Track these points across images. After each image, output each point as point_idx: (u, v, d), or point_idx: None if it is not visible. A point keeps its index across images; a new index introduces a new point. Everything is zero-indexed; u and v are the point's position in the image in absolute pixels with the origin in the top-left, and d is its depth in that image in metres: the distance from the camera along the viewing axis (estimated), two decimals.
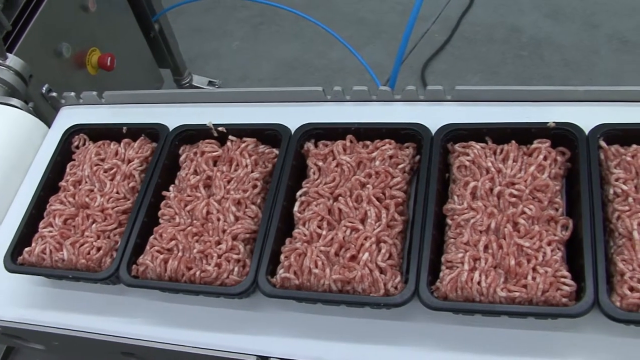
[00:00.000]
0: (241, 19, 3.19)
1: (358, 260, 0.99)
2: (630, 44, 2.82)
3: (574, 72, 2.76)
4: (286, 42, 3.05)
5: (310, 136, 1.15)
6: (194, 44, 3.08)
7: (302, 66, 2.95)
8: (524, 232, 0.97)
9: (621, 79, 2.69)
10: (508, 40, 2.90)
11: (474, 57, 2.86)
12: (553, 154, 1.04)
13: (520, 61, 2.83)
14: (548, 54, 2.85)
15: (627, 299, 0.90)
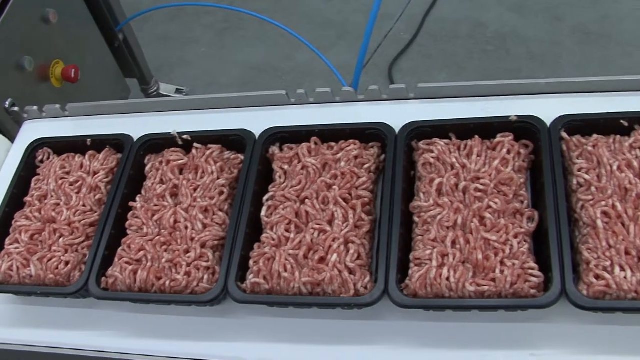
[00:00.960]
0: (206, 25, 3.18)
1: (327, 262, 0.99)
2: (593, 35, 2.85)
3: (540, 65, 2.79)
4: (252, 47, 3.05)
5: (275, 140, 1.15)
6: (160, 52, 3.06)
7: (270, 70, 2.95)
8: (490, 226, 0.98)
9: (586, 70, 2.72)
10: (473, 36, 2.92)
11: (440, 53, 2.88)
12: (516, 147, 1.05)
13: (486, 56, 2.85)
14: (513, 47, 2.87)
15: (593, 287, 0.91)
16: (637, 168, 1.00)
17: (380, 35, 2.88)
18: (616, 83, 1.16)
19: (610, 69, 2.75)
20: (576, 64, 2.74)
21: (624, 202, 0.97)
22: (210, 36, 3.15)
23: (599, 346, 0.94)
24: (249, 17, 2.89)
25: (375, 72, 2.81)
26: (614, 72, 2.60)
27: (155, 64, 2.80)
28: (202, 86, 2.89)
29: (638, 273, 0.90)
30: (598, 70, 2.71)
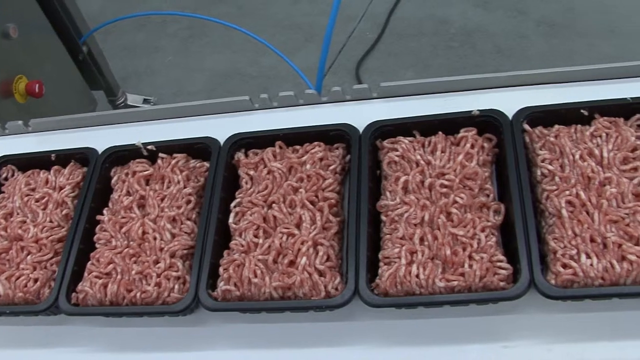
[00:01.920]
0: (171, 33, 3.17)
1: (296, 266, 0.99)
2: (557, 27, 2.88)
3: (506, 59, 2.81)
4: (218, 53, 3.04)
5: (240, 146, 1.15)
6: (126, 63, 3.05)
7: (237, 75, 2.94)
8: (457, 221, 0.98)
9: (552, 62, 2.75)
10: (438, 33, 2.94)
11: (406, 51, 2.89)
12: (480, 141, 1.06)
13: (452, 52, 2.87)
14: (479, 43, 2.89)
15: (561, 276, 0.92)
16: (599, 156, 1.01)
17: (345, 36, 2.89)
18: (575, 73, 1.18)
19: (575, 60, 2.78)
20: (542, 57, 2.77)
21: (588, 191, 0.98)
22: (175, 44, 3.14)
23: (569, 334, 0.95)
24: (214, 24, 2.89)
25: (342, 73, 2.82)
26: (579, 63, 2.64)
27: (122, 75, 2.79)
28: (170, 95, 2.88)
29: (604, 260, 0.92)
30: (564, 63, 2.75)
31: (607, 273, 0.91)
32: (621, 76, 1.17)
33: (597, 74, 1.17)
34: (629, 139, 1.02)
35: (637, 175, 0.99)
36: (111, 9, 3.21)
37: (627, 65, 1.16)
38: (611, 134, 1.03)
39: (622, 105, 1.06)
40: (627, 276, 0.91)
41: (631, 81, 1.16)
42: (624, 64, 1.16)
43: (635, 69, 1.16)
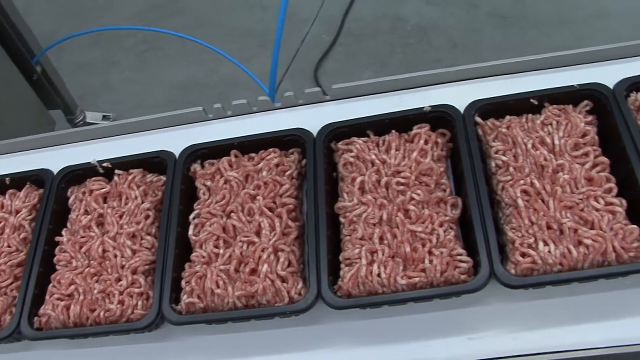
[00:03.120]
0: (127, 48, 3.14)
1: (258, 273, 0.99)
2: (509, 19, 2.90)
3: (462, 53, 2.83)
4: (175, 65, 3.02)
5: (196, 157, 1.14)
6: (83, 80, 3.01)
7: (195, 86, 2.92)
8: (415, 217, 0.99)
9: (507, 53, 2.77)
10: (394, 31, 2.95)
11: (363, 52, 2.90)
12: (433, 137, 1.07)
13: (409, 49, 2.88)
14: (434, 38, 2.91)
15: (520, 265, 0.93)
16: (550, 144, 1.02)
17: (300, 40, 2.89)
18: (524, 64, 1.19)
19: (530, 50, 2.81)
20: (496, 49, 2.79)
21: (542, 179, 0.99)
22: (132, 59, 3.11)
23: (533, 321, 0.97)
24: (169, 36, 2.87)
25: (301, 77, 2.82)
26: (533, 54, 2.67)
27: (80, 93, 2.75)
28: (129, 110, 2.85)
29: (561, 246, 0.93)
30: (518, 53, 2.77)
31: (565, 259, 0.92)
32: (568, 64, 1.19)
33: (545, 63, 1.19)
34: (579, 125, 1.03)
35: (588, 160, 1.00)
36: (65, 27, 3.17)
37: (573, 53, 1.18)
38: (561, 122, 1.04)
39: (570, 92, 1.07)
40: (584, 260, 0.92)
41: (577, 68, 1.18)
42: (569, 52, 1.18)
43: (580, 56, 1.18)
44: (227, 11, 3.19)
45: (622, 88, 1.06)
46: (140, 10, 3.27)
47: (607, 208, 0.96)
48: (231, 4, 3.21)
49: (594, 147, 1.02)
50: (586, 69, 1.19)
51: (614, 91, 1.06)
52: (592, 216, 0.95)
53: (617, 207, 0.96)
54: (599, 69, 1.18)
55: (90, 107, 2.73)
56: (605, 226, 0.94)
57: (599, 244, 0.92)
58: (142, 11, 3.26)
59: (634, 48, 1.17)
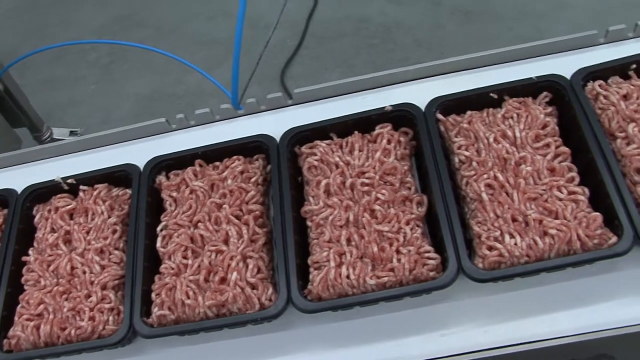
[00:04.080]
0: (91, 62, 3.12)
1: (228, 282, 0.98)
2: (472, 14, 2.93)
3: (427, 51, 2.85)
4: (141, 77, 3.00)
5: (160, 169, 1.14)
6: (48, 96, 2.98)
7: (163, 97, 2.91)
8: (381, 217, 0.99)
9: (469, 48, 2.79)
10: (358, 32, 2.96)
11: (328, 54, 2.90)
12: (396, 136, 1.07)
13: (374, 49, 2.89)
14: (399, 37, 2.92)
15: (488, 259, 0.93)
16: (512, 137, 1.03)
17: (267, 47, 2.89)
18: (483, 58, 1.20)
19: (493, 45, 2.83)
20: (459, 44, 2.81)
21: (505, 172, 1.00)
22: (97, 72, 3.09)
23: (503, 313, 0.97)
24: (134, 48, 2.85)
25: (267, 83, 2.82)
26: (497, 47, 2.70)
27: (45, 109, 2.73)
28: (97, 124, 2.83)
29: (527, 237, 0.94)
30: (482, 48, 2.80)
31: (532, 250, 0.93)
32: (526, 57, 1.20)
33: (504, 57, 1.21)
34: (539, 117, 1.04)
35: (549, 151, 1.02)
36: (27, 44, 3.14)
37: (531, 45, 1.19)
38: (521, 114, 1.05)
39: (529, 84, 1.09)
40: (550, 250, 0.93)
41: (536, 60, 1.20)
42: (527, 45, 1.20)
43: (538, 48, 1.19)
44: (190, 21, 3.19)
45: (579, 78, 1.07)
46: (102, 24, 3.25)
47: (570, 197, 0.97)
48: (193, 13, 3.21)
49: (554, 138, 1.03)
50: (544, 61, 1.20)
51: (571, 81, 1.07)
52: (556, 206, 0.96)
53: (579, 195, 0.97)
54: (556, 60, 1.20)
55: (57, 123, 2.70)
56: (569, 215, 0.95)
57: (563, 234, 0.93)
58: (105, 25, 3.25)
59: (590, 38, 1.19)
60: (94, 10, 3.33)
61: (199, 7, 3.22)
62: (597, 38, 1.20)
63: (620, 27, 1.18)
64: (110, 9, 3.33)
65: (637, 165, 0.98)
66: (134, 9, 3.30)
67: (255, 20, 2.99)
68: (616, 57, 1.09)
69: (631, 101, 1.04)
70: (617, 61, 1.09)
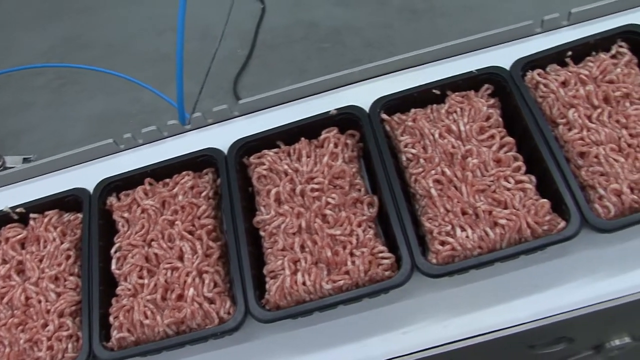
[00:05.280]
0: (40, 86, 3.07)
1: (185, 298, 0.98)
2: (419, 12, 2.95)
3: (377, 51, 2.86)
4: (93, 98, 2.97)
5: (110, 190, 1.13)
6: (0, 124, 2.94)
7: (116, 117, 2.88)
8: (333, 221, 0.99)
9: (419, 45, 2.82)
10: (308, 37, 2.97)
11: (280, 61, 2.90)
12: (342, 139, 1.08)
13: (325, 53, 2.90)
14: (348, 40, 2.94)
15: (441, 254, 0.94)
16: (457, 131, 1.04)
17: (217, 57, 2.88)
18: (424, 55, 1.22)
19: (441, 40, 2.86)
20: (409, 43, 2.83)
21: (452, 166, 1.01)
22: (47, 97, 3.04)
23: (461, 306, 0.99)
24: (83, 69, 2.82)
25: (221, 94, 2.81)
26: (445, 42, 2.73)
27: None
28: (51, 149, 2.79)
29: (478, 229, 0.95)
30: (431, 44, 2.82)
31: (483, 241, 0.94)
32: (466, 51, 1.22)
33: (445, 52, 1.22)
34: (482, 109, 1.06)
35: (494, 142, 1.03)
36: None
37: (469, 39, 1.21)
38: (465, 108, 1.07)
39: (470, 78, 1.10)
40: (501, 240, 0.94)
41: (476, 54, 1.22)
42: (465, 39, 1.21)
43: (476, 42, 1.21)
44: (138, 38, 3.16)
45: (518, 68, 1.09)
46: (49, 47, 3.21)
47: (518, 186, 0.98)
48: (140, 30, 3.18)
49: (498, 129, 1.05)
50: (485, 54, 1.22)
51: (510, 72, 1.09)
52: (504, 196, 0.97)
53: (526, 184, 0.98)
54: (496, 52, 1.22)
55: (9, 151, 2.67)
56: (517, 204, 0.96)
57: (513, 223, 0.94)
58: (51, 47, 3.20)
59: (526, 28, 1.21)
60: (39, 34, 3.28)
61: (146, 23, 3.20)
62: (534, 28, 1.22)
63: (555, 16, 1.20)
64: (57, 32, 3.29)
65: (579, 150, 1.00)
66: (81, 30, 3.27)
67: (205, 32, 2.98)
68: (553, 46, 1.11)
69: (569, 87, 1.06)
70: (553, 49, 1.11)
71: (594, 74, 1.07)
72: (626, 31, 1.10)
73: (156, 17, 3.21)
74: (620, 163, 0.97)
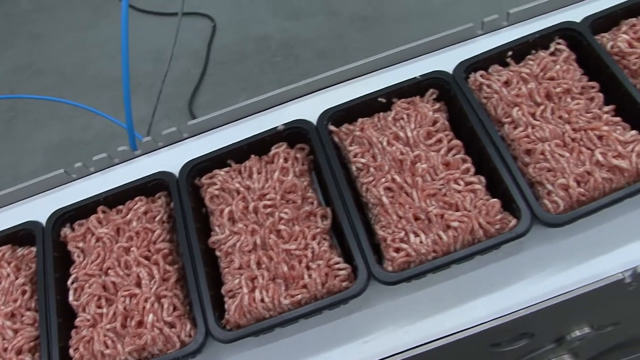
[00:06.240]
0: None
1: (145, 324, 0.97)
2: (370, 20, 2.98)
3: (331, 61, 2.88)
4: (48, 127, 2.94)
5: (64, 221, 1.11)
6: None
7: (72, 145, 2.86)
8: (287, 236, 0.99)
9: (372, 53, 2.84)
10: (260, 52, 2.98)
11: (233, 78, 2.91)
12: (292, 153, 1.08)
13: (278, 67, 2.91)
14: (301, 52, 2.95)
15: (396, 261, 0.95)
16: (404, 138, 1.05)
17: (172, 79, 2.87)
18: (369, 64, 1.23)
19: (394, 47, 2.89)
20: (363, 51, 2.85)
21: (402, 173, 1.02)
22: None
23: (421, 311, 0.99)
24: (35, 99, 2.80)
25: (177, 115, 2.81)
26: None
27: None
28: (8, 182, 2.73)
29: (431, 234, 0.96)
30: (383, 51, 2.85)
31: (437, 245, 0.95)
32: (411, 57, 1.23)
33: (390, 60, 1.24)
34: (428, 114, 1.07)
35: (442, 146, 1.04)
36: None
37: (413, 45, 1.23)
38: (411, 114, 1.08)
39: (415, 84, 1.11)
40: (455, 242, 0.95)
41: (421, 59, 1.23)
42: (409, 45, 1.23)
43: (421, 47, 1.23)
44: (91, 63, 3.14)
45: (461, 71, 1.10)
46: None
47: (468, 188, 0.99)
48: (94, 55, 3.17)
49: (445, 133, 1.06)
50: (429, 59, 1.24)
51: (453, 75, 1.10)
52: (455, 199, 0.98)
53: (476, 185, 1.00)
54: (441, 56, 1.24)
55: None
56: (468, 206, 0.97)
57: (465, 224, 0.95)
58: (2, 78, 3.17)
59: (468, 31, 1.23)
60: None
61: (98, 49, 3.18)
62: (476, 30, 1.24)
63: (494, 17, 1.22)
64: (6, 60, 3.25)
65: (525, 147, 1.01)
66: (32, 58, 3.24)
67: (157, 54, 2.98)
68: (494, 47, 1.13)
69: (512, 86, 1.08)
70: (494, 50, 1.13)
71: (535, 72, 1.09)
72: (563, 28, 1.12)
73: (108, 42, 3.20)
74: (565, 158, 0.99)
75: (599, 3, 1.22)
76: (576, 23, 1.12)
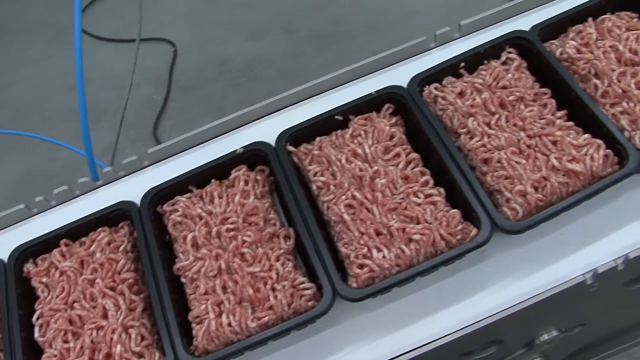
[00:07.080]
0: None
1: (113, 356, 0.96)
2: (327, 37, 3.01)
3: (292, 80, 2.89)
4: (10, 161, 2.91)
5: (26, 257, 1.10)
6: None
7: (38, 178, 2.83)
8: (251, 259, 1.00)
9: (332, 70, 2.86)
10: (222, 74, 2.98)
11: (196, 102, 2.91)
12: (252, 175, 1.08)
13: (241, 88, 2.92)
14: (262, 72, 2.97)
15: (360, 277, 0.95)
16: (363, 154, 1.06)
17: (134, 106, 2.86)
18: (326, 82, 1.24)
19: (354, 61, 2.92)
20: (322, 69, 2.87)
21: (362, 189, 1.03)
22: None
23: (389, 325, 1.00)
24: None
25: (141, 142, 2.80)
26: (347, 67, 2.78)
27: None
28: None
29: (393, 248, 0.96)
30: (342, 66, 2.87)
31: (400, 259, 0.96)
32: (367, 73, 1.25)
33: (346, 77, 1.25)
34: (384, 129, 1.08)
35: (400, 160, 1.05)
36: None
37: (367, 62, 1.24)
38: (368, 130, 1.09)
39: (371, 100, 1.12)
40: (417, 255, 0.96)
41: (377, 74, 1.25)
42: (363, 62, 1.24)
43: (375, 63, 1.24)
44: (50, 95, 3.12)
45: (415, 84, 1.12)
46: None
47: (427, 200, 1.01)
48: (52, 86, 3.14)
49: (403, 147, 1.07)
50: (385, 74, 1.25)
51: (408, 89, 1.11)
52: (416, 212, 0.99)
53: (436, 197, 1.01)
54: (396, 71, 1.25)
55: None
56: (429, 218, 0.98)
57: (427, 237, 0.96)
58: None
59: (421, 45, 1.25)
60: None
61: (57, 79, 3.16)
62: (428, 43, 1.26)
63: (446, 30, 1.24)
64: None
65: (482, 157, 1.03)
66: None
67: (121, 80, 2.97)
68: (446, 59, 1.15)
69: (466, 97, 1.09)
70: (447, 62, 1.14)
71: (488, 82, 1.11)
72: (513, 37, 1.14)
73: (67, 72, 3.16)
74: (522, 165, 1.01)
75: (547, 11, 1.25)
76: (525, 32, 1.14)
